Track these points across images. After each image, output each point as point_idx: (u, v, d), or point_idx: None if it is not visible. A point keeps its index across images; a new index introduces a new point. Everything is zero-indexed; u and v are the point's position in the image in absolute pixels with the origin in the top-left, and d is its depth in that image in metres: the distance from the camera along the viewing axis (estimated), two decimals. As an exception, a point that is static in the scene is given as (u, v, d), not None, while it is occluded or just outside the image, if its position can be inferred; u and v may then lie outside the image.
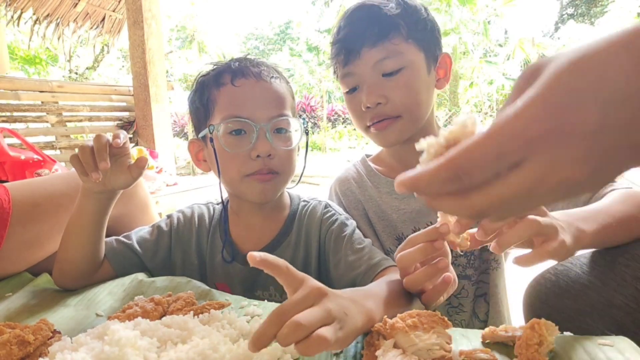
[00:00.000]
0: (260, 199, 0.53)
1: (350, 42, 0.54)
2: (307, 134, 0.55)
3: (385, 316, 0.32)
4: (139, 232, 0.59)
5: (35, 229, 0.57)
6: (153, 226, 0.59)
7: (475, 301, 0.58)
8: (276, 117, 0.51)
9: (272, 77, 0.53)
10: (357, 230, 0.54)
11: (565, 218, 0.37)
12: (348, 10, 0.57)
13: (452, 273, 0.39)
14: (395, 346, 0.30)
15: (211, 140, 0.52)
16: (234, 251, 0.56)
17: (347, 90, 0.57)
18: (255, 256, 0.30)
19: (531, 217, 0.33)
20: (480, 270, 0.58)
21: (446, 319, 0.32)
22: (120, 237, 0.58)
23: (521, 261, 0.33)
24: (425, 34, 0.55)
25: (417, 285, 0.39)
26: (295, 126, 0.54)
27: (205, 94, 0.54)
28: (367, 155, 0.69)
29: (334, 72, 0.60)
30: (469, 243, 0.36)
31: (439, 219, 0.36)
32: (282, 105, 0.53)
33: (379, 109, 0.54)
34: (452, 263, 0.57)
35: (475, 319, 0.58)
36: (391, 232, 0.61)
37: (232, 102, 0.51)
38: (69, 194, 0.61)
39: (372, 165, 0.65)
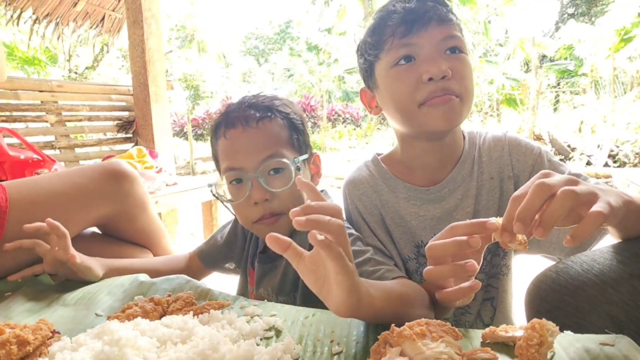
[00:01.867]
0: None
1: (419, 14, 0.52)
2: (299, 170, 0.54)
3: (393, 325, 0.32)
4: (223, 230, 0.71)
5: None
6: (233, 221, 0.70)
7: (482, 304, 0.58)
8: (266, 160, 0.53)
9: (261, 119, 0.54)
10: (359, 242, 0.52)
11: (603, 187, 0.36)
12: None
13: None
14: (402, 354, 0.30)
15: (212, 192, 0.58)
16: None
17: (398, 59, 0.53)
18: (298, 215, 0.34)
19: (565, 188, 0.32)
20: (489, 275, 0.58)
21: (457, 329, 0.32)
22: (209, 240, 0.71)
23: (576, 235, 0.32)
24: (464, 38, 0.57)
25: (439, 278, 0.38)
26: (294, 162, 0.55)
27: (213, 144, 0.60)
28: (378, 154, 0.65)
29: (373, 45, 0.55)
30: (526, 247, 0.35)
31: (494, 219, 0.36)
32: (272, 146, 0.54)
33: (443, 83, 0.51)
34: None
35: (480, 322, 0.58)
36: (410, 239, 0.59)
37: (226, 154, 0.55)
38: (67, 192, 0.60)
39: (386, 167, 0.62)
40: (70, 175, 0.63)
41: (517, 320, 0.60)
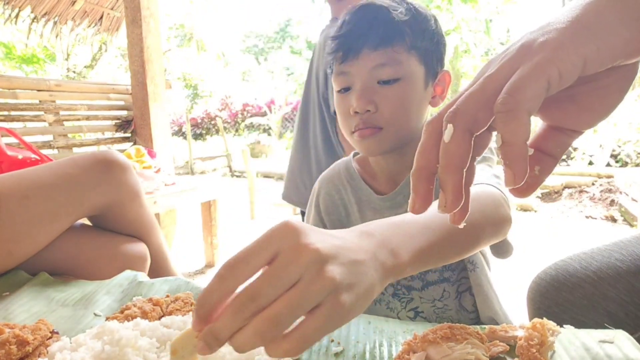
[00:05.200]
0: None
1: (351, 41, 0.51)
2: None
3: (415, 331, 0.32)
4: None
5: (25, 221, 0.56)
6: None
7: (460, 297, 0.56)
8: None
9: None
10: None
11: (376, 238, 0.26)
12: (355, 6, 0.53)
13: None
14: (428, 358, 0.30)
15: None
16: None
17: (339, 89, 0.54)
18: None
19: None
20: (459, 269, 0.56)
21: (480, 331, 0.31)
22: None
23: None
24: (429, 46, 0.52)
25: None
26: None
27: None
28: (355, 155, 0.65)
29: (330, 67, 0.57)
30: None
31: None
32: None
33: (367, 117, 0.51)
34: (429, 270, 0.54)
35: (464, 311, 0.56)
36: None
37: None
38: (58, 184, 0.59)
39: (357, 167, 0.63)
40: (60, 166, 0.61)
41: (512, 312, 0.59)
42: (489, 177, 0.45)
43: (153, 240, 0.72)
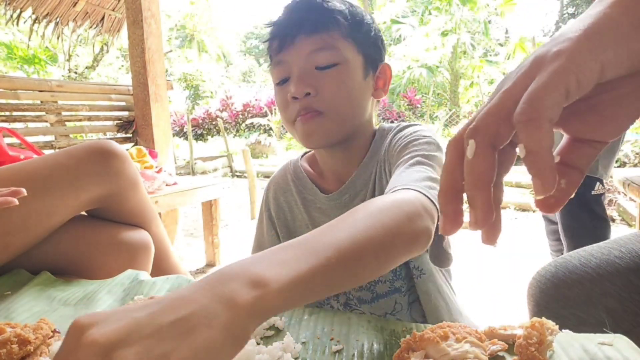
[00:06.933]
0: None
1: (287, 29, 0.50)
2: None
3: (414, 330, 0.31)
4: None
5: (20, 214, 0.55)
6: None
7: (410, 308, 0.53)
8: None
9: None
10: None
11: (225, 275, 0.22)
12: (291, 1, 0.53)
13: None
14: (427, 357, 0.29)
15: None
16: None
17: (278, 81, 0.52)
18: None
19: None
20: (408, 278, 0.53)
21: (479, 330, 0.31)
22: None
23: None
24: (366, 38, 0.52)
25: None
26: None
27: None
28: (306, 152, 0.62)
29: (270, 62, 0.55)
30: None
31: None
32: None
33: (307, 101, 0.49)
34: (378, 281, 0.51)
35: (414, 322, 0.54)
36: None
37: None
38: (52, 176, 0.58)
39: (306, 166, 0.60)
40: (55, 157, 0.60)
41: (510, 316, 0.59)
42: (417, 180, 0.40)
43: (154, 229, 0.70)
